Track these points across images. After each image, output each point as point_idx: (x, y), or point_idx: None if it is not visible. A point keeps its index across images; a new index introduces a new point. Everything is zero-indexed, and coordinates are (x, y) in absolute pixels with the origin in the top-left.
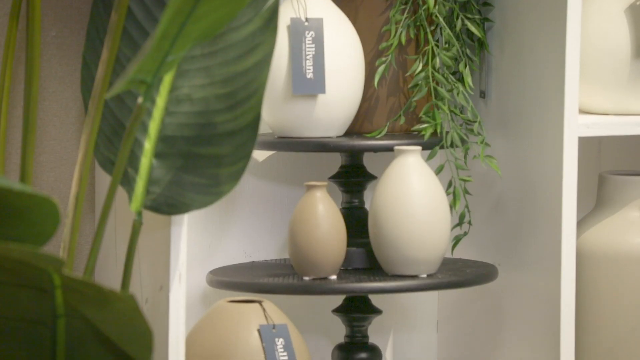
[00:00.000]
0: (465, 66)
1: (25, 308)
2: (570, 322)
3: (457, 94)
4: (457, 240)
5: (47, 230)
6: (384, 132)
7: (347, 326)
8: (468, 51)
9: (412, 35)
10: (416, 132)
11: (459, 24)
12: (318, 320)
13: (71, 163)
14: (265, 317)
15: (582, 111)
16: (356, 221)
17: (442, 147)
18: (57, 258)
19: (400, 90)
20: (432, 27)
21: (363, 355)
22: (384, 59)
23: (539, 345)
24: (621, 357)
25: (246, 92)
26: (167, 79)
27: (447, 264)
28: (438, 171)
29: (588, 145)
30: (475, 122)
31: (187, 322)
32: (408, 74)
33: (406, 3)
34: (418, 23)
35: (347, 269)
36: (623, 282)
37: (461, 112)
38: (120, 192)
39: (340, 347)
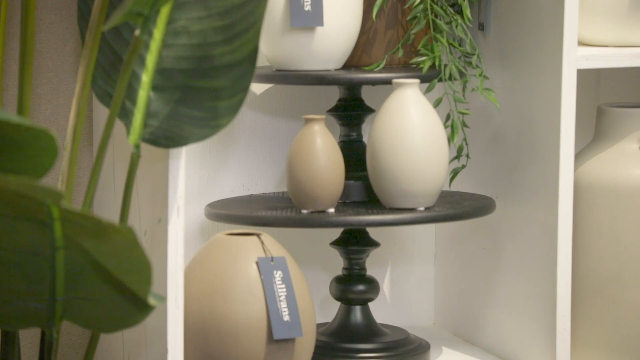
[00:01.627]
0: None
1: (24, 240)
2: (567, 254)
3: (456, 26)
4: (455, 173)
5: (45, 162)
6: (382, 65)
7: (345, 259)
8: None
9: None
10: (414, 65)
11: None
12: (316, 253)
13: (69, 95)
14: (264, 249)
15: (581, 43)
16: (354, 154)
17: (440, 80)
18: (55, 190)
19: (398, 23)
20: None
21: (361, 287)
22: None
23: (536, 277)
24: (617, 290)
25: (244, 25)
26: (164, 11)
27: (445, 197)
28: (436, 104)
29: (587, 77)
30: (473, 54)
31: (186, 254)
32: (406, 6)
33: None
34: None
35: (345, 202)
36: (620, 214)
37: (460, 45)
38: (118, 125)
39: (338, 280)
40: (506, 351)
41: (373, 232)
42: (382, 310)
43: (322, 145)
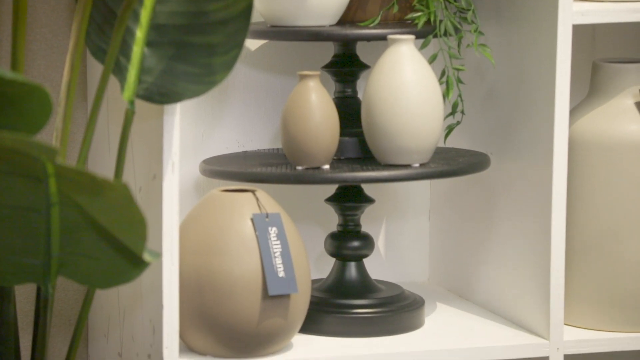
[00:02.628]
0: None
1: (19, 196)
2: (562, 209)
3: None
4: (449, 130)
5: (40, 118)
6: (377, 21)
7: (340, 215)
8: None
9: None
10: (409, 21)
11: None
12: (311, 209)
13: (62, 51)
14: (259, 206)
15: None
16: (349, 111)
17: (435, 36)
18: (50, 147)
19: None
20: None
21: (355, 243)
22: None
23: (531, 233)
24: (612, 245)
25: None
26: None
27: (440, 153)
28: (431, 60)
29: (582, 32)
30: (469, 10)
31: (181, 211)
32: None
33: None
34: None
35: (340, 159)
36: (615, 170)
37: (455, 0)
38: (112, 81)
39: (332, 236)
40: (500, 306)
41: (368, 189)
42: (377, 266)
43: (316, 102)
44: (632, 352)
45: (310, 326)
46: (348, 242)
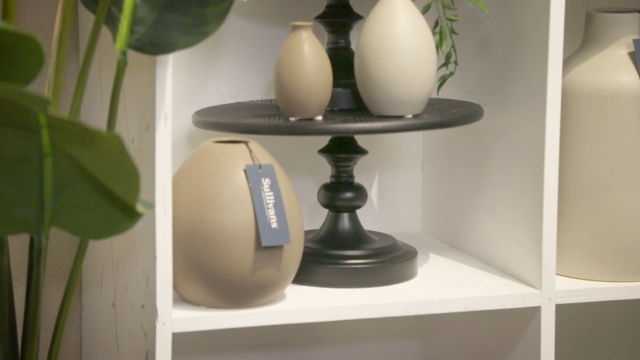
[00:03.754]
0: None
1: (12, 147)
2: (554, 160)
3: None
4: (443, 81)
5: (31, 69)
6: None
7: (333, 166)
8: None
9: None
10: None
11: None
12: (304, 160)
13: (54, 1)
14: (252, 157)
15: None
16: (342, 62)
17: None
18: (42, 97)
19: None
20: None
21: (348, 195)
22: None
23: (523, 183)
24: (604, 195)
25: None
26: None
27: (433, 104)
28: (424, 11)
29: None
30: None
31: (174, 162)
32: None
33: None
34: None
35: (333, 110)
36: (608, 120)
37: None
38: (104, 32)
39: (325, 187)
40: (493, 257)
41: (361, 140)
42: (370, 217)
43: (309, 53)
44: (624, 302)
45: (303, 277)
46: (341, 193)
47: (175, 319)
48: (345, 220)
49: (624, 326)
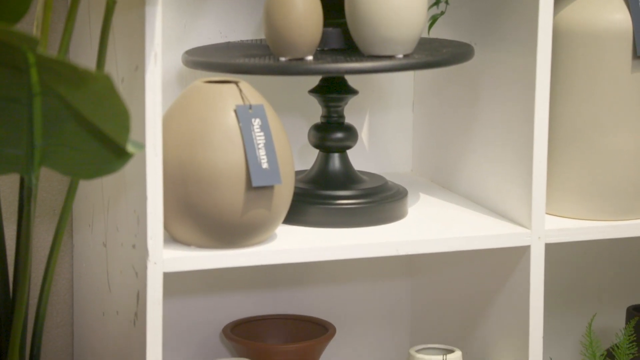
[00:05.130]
0: None
1: (1, 86)
2: (545, 99)
3: None
4: (433, 20)
5: (20, 7)
6: None
7: (324, 107)
8: None
9: None
10: None
11: None
12: (294, 100)
13: None
14: (242, 97)
15: None
16: (332, 1)
17: None
18: (31, 36)
19: None
20: None
21: (339, 135)
22: None
23: (514, 123)
24: (594, 135)
25: None
26: None
27: (424, 44)
28: None
29: None
30: None
31: (164, 102)
32: None
33: None
34: None
35: (324, 50)
36: (599, 59)
37: None
38: None
39: (316, 128)
40: (483, 196)
41: (351, 80)
42: (361, 158)
43: None
44: (612, 240)
45: (293, 217)
46: (331, 134)
47: (166, 258)
48: (335, 161)
49: (612, 265)
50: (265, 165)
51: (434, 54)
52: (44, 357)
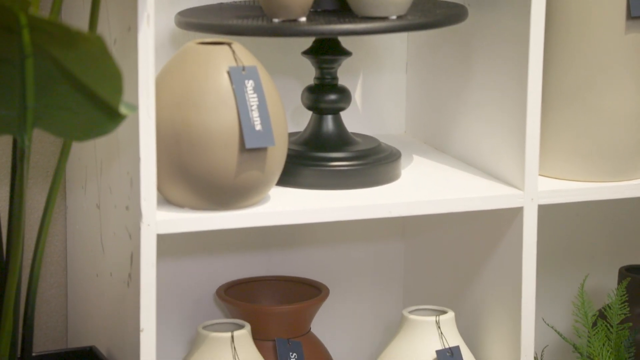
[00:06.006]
0: None
1: None
2: (538, 60)
3: None
4: None
5: None
6: None
7: (317, 68)
8: None
9: None
10: None
11: None
12: (287, 62)
13: None
14: (235, 59)
15: None
16: None
17: None
18: None
19: None
20: None
21: (332, 96)
22: None
23: (507, 85)
24: (588, 96)
25: None
26: None
27: (417, 5)
28: None
29: None
30: None
31: (156, 64)
32: None
33: None
34: None
35: (317, 11)
36: (594, 20)
37: None
38: None
39: (309, 89)
40: (476, 158)
41: (345, 41)
42: (354, 119)
43: None
44: (605, 202)
45: (287, 179)
46: (325, 95)
47: (159, 220)
48: (329, 122)
49: (605, 226)
50: (258, 127)
51: (427, 15)
52: (38, 318)
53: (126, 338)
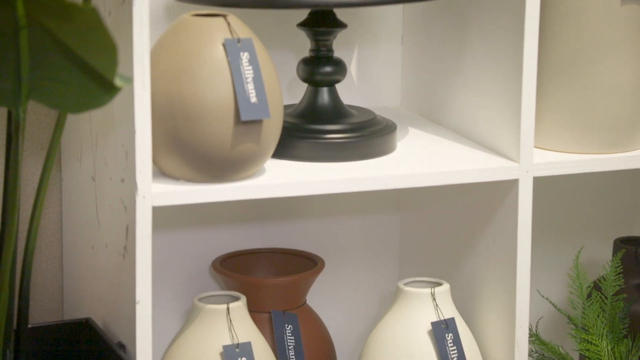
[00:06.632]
0: None
1: None
2: (534, 32)
3: None
4: None
5: None
6: None
7: (312, 40)
8: None
9: None
10: None
11: None
12: (283, 34)
13: None
14: (230, 31)
15: None
16: None
17: None
18: None
19: None
20: None
21: (328, 69)
22: None
23: (503, 57)
24: (584, 68)
25: None
26: None
27: None
28: None
29: None
30: None
31: (151, 36)
32: None
33: None
34: None
35: None
36: None
37: None
38: None
39: (305, 61)
40: (472, 131)
41: (340, 13)
42: (349, 92)
43: None
44: (600, 173)
45: (282, 151)
46: (320, 68)
47: (155, 192)
48: (324, 95)
49: (600, 198)
50: (253, 99)
51: None
52: (34, 290)
53: (122, 310)
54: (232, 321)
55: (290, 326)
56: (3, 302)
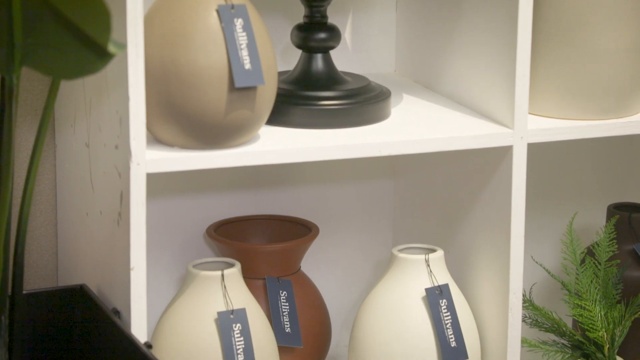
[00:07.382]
0: None
1: None
2: (528, 18)
3: None
4: None
5: None
6: None
7: (306, 6)
8: None
9: None
10: None
11: None
12: (277, 0)
13: None
14: None
15: None
16: None
17: None
18: None
19: None
20: None
21: (322, 35)
22: None
23: (498, 23)
24: (578, 34)
25: None
26: None
27: None
28: None
29: None
30: None
31: (145, 1)
32: None
33: None
34: None
35: None
36: None
37: None
38: None
39: (299, 28)
40: (466, 97)
41: None
42: (344, 58)
43: None
44: (594, 140)
45: (277, 118)
46: (314, 34)
47: (149, 159)
48: (318, 61)
49: (593, 164)
50: (247, 66)
51: None
52: (28, 257)
53: (116, 276)
54: (226, 287)
55: (284, 292)
56: None
